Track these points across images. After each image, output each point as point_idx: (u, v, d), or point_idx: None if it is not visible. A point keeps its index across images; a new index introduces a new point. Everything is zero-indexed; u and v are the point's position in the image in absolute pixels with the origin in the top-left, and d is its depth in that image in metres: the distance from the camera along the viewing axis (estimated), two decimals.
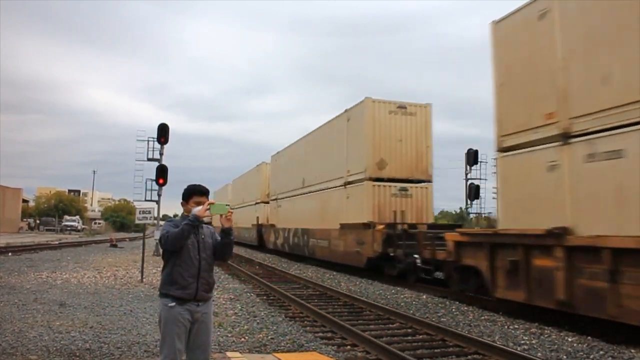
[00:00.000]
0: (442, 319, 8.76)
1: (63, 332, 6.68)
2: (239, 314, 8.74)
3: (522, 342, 7.08)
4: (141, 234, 15.81)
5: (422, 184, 16.18)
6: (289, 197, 24.33)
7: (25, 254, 21.17)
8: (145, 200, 21.98)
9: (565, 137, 7.99)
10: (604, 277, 6.92)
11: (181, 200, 3.80)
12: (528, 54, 9.05)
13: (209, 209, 3.61)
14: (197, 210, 3.60)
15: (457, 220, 32.41)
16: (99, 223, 73.36)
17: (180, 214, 3.92)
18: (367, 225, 15.07)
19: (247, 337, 6.88)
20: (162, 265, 3.78)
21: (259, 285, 13.04)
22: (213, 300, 4.00)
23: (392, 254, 13.86)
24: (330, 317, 8.22)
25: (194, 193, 3.75)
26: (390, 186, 15.65)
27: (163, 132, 21.47)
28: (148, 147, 22.32)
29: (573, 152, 7.84)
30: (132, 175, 23.24)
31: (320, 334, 7.45)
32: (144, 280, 12.64)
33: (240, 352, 6.01)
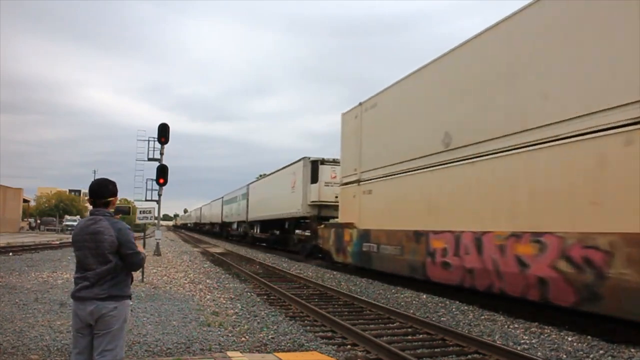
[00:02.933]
0: (442, 319, 8.78)
1: (64, 332, 6.69)
2: (240, 314, 8.75)
3: (522, 341, 7.09)
4: (141, 234, 15.81)
5: None
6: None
7: (26, 254, 21.19)
8: (146, 200, 21.99)
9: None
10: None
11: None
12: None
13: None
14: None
15: None
16: None
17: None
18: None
19: (247, 337, 6.89)
20: (110, 268, 3.54)
21: (259, 285, 13.05)
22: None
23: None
24: (331, 317, 8.23)
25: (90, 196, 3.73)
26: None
27: (163, 132, 21.46)
28: (149, 147, 22.31)
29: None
30: (133, 175, 23.23)
31: (321, 334, 7.47)
32: (145, 280, 12.65)
33: (241, 352, 6.02)
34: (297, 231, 25.33)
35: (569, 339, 7.18)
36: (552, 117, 8.21)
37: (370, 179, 14.90)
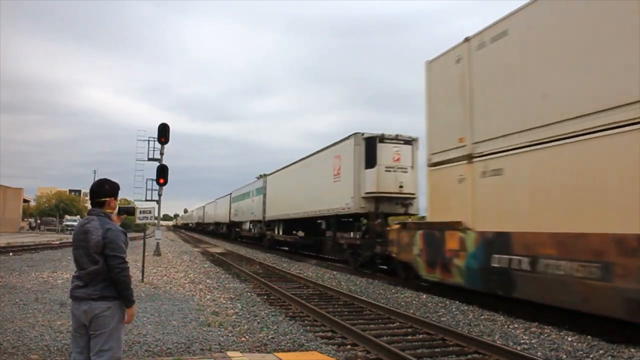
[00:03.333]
0: (442, 319, 8.78)
1: (64, 332, 6.69)
2: (240, 314, 8.75)
3: (522, 341, 7.09)
4: (141, 234, 15.81)
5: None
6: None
7: (26, 254, 21.19)
8: (146, 200, 21.99)
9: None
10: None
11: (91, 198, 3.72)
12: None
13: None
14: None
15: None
16: None
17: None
18: None
19: (247, 337, 6.90)
20: (99, 269, 3.50)
21: (259, 285, 13.06)
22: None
23: None
24: (331, 317, 8.24)
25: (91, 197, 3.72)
26: None
27: (163, 132, 21.48)
28: (149, 147, 22.32)
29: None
30: (133, 175, 23.23)
31: (321, 334, 7.47)
32: (145, 280, 12.66)
33: (241, 352, 6.02)
34: (337, 233, 19.24)
35: (569, 339, 7.18)
36: None
37: (500, 151, 9.46)
